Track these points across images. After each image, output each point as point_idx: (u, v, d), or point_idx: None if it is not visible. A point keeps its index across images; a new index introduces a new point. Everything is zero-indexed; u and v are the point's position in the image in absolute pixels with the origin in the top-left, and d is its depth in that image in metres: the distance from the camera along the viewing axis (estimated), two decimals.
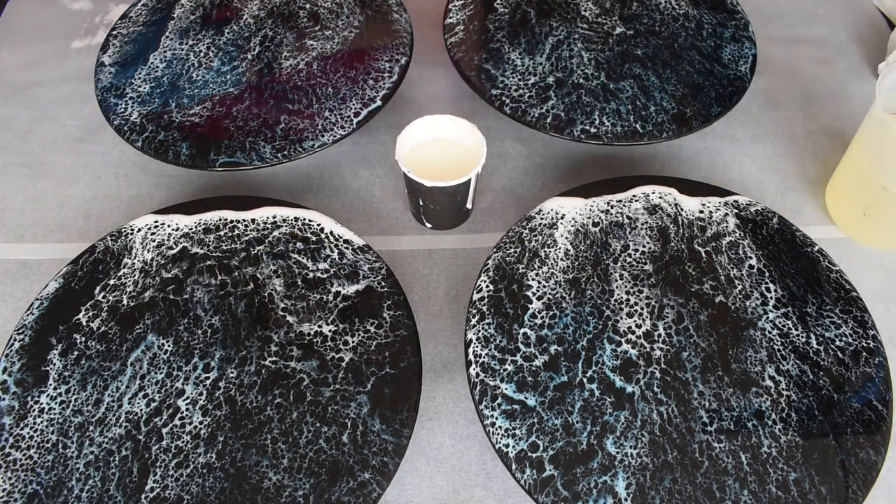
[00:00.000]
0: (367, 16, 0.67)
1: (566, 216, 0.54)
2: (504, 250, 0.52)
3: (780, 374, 0.47)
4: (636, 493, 0.43)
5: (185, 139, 0.59)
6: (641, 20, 0.67)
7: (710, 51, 0.65)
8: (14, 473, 0.44)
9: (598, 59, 0.64)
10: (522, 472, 0.43)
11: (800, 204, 0.60)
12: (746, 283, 0.51)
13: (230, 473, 0.44)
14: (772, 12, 0.75)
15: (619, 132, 0.59)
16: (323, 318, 0.50)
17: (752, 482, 0.43)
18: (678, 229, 0.54)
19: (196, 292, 0.51)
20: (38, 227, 0.59)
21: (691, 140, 0.64)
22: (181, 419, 0.46)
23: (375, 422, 0.45)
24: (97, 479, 0.44)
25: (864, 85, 0.68)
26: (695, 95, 0.61)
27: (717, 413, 0.46)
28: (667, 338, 0.49)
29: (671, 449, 0.44)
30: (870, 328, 0.49)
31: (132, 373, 0.48)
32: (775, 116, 0.66)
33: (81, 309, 0.50)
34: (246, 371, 0.48)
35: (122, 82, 0.63)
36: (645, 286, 0.51)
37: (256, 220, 0.54)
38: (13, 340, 0.49)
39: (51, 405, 0.46)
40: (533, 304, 0.50)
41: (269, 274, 0.52)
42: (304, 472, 0.44)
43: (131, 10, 0.69)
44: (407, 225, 0.59)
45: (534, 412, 0.45)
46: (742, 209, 0.55)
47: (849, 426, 0.45)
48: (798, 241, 0.53)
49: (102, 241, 0.54)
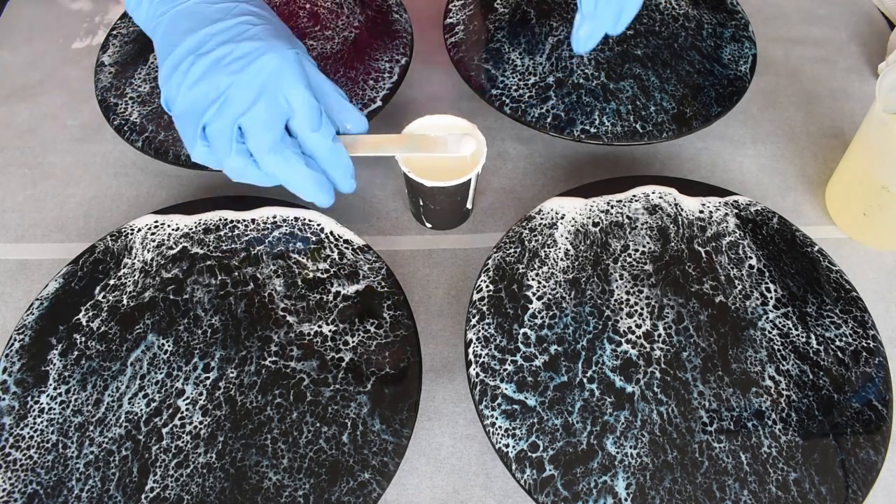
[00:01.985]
0: (367, 16, 0.67)
1: (566, 216, 0.54)
2: (504, 250, 0.52)
3: (780, 374, 0.47)
4: (636, 493, 0.43)
5: None
6: (641, 20, 0.67)
7: (710, 51, 0.65)
8: (14, 473, 0.44)
9: (598, 59, 0.64)
10: (522, 472, 0.43)
11: (800, 204, 0.60)
12: (746, 283, 0.51)
13: (230, 473, 0.44)
14: (772, 12, 0.75)
15: (619, 132, 0.59)
16: (323, 318, 0.50)
17: (752, 482, 0.43)
18: (678, 229, 0.54)
19: (196, 292, 0.51)
20: (38, 227, 0.59)
21: (691, 140, 0.64)
22: (181, 419, 0.46)
23: (375, 422, 0.45)
24: (97, 479, 0.44)
25: (864, 85, 0.68)
26: (695, 95, 0.61)
27: (717, 413, 0.46)
28: (667, 338, 0.49)
29: (671, 449, 0.44)
30: (870, 328, 0.49)
31: (132, 373, 0.48)
32: (775, 116, 0.66)
33: (81, 309, 0.50)
34: (246, 371, 0.48)
35: (123, 82, 0.63)
36: (645, 286, 0.51)
37: (256, 220, 0.54)
38: (13, 340, 0.49)
39: (51, 405, 0.46)
40: (533, 304, 0.50)
41: (269, 274, 0.52)
42: (304, 472, 0.44)
43: None
44: (407, 225, 0.59)
45: (534, 412, 0.45)
46: (742, 209, 0.55)
47: (849, 426, 0.45)
48: (798, 241, 0.53)
49: (102, 241, 0.54)
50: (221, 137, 0.45)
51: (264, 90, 0.45)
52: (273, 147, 0.45)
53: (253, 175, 0.47)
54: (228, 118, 0.45)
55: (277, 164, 0.46)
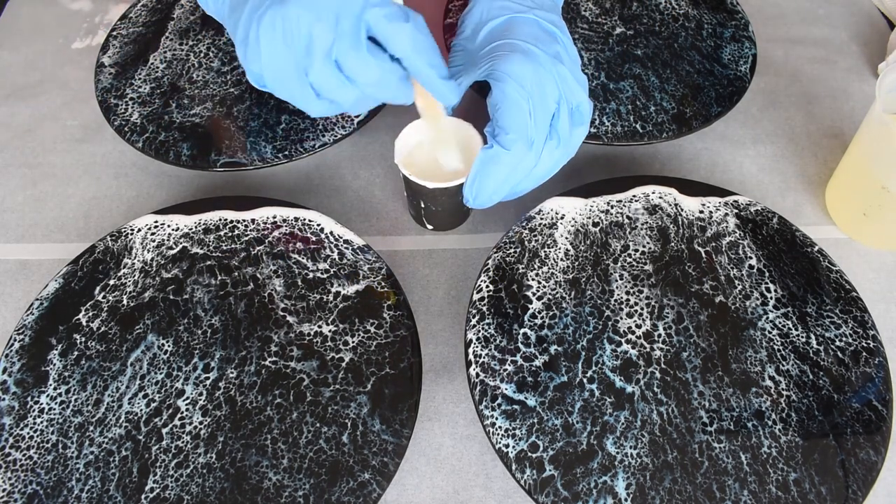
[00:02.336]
0: None
1: (566, 216, 0.54)
2: (504, 250, 0.52)
3: (780, 375, 0.47)
4: (636, 494, 0.43)
5: (185, 139, 0.59)
6: (641, 20, 0.67)
7: (710, 51, 0.65)
8: (14, 473, 0.44)
9: (598, 59, 0.64)
10: (522, 472, 0.43)
11: (800, 204, 0.60)
12: (746, 283, 0.51)
13: (230, 474, 0.44)
14: (772, 12, 0.75)
15: (619, 132, 0.59)
16: (323, 318, 0.50)
17: (752, 482, 0.43)
18: (678, 229, 0.54)
19: (196, 292, 0.51)
20: (38, 227, 0.59)
21: (691, 140, 0.64)
22: (181, 419, 0.46)
23: (375, 422, 0.45)
24: (97, 480, 0.44)
25: (864, 85, 0.68)
26: (695, 95, 0.61)
27: (717, 413, 0.46)
28: (667, 338, 0.49)
29: (671, 449, 0.44)
30: (870, 328, 0.49)
31: (132, 373, 0.48)
32: (775, 116, 0.66)
33: (81, 309, 0.50)
34: (246, 371, 0.48)
35: (123, 83, 0.63)
36: (645, 286, 0.51)
37: (256, 220, 0.54)
38: (13, 340, 0.49)
39: (51, 405, 0.46)
40: (533, 304, 0.50)
41: (269, 274, 0.52)
42: (304, 472, 0.44)
43: (131, 10, 0.69)
44: (407, 225, 0.59)
45: (534, 412, 0.45)
46: (742, 209, 0.55)
47: (849, 426, 0.45)
48: (798, 241, 0.53)
49: (102, 242, 0.54)
50: (326, 74, 0.40)
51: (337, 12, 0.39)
52: (368, 51, 0.40)
53: (393, 80, 0.41)
54: (321, 51, 0.39)
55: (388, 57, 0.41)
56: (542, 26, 0.48)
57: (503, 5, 0.49)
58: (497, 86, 0.45)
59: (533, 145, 0.44)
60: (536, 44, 0.46)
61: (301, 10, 0.39)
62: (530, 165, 0.45)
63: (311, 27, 0.39)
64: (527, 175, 0.46)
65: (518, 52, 0.45)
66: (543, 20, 0.48)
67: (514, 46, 0.46)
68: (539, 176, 0.47)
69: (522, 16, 0.48)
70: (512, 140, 0.44)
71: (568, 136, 0.46)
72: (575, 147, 0.47)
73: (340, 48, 0.39)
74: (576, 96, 0.46)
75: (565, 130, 0.45)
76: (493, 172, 0.45)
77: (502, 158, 0.44)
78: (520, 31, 0.47)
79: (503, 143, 0.44)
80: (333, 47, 0.39)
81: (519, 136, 0.44)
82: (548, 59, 0.45)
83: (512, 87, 0.44)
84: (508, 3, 0.49)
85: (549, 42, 0.47)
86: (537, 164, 0.45)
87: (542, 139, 0.45)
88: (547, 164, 0.46)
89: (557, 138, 0.45)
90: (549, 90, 0.45)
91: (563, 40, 0.48)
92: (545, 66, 0.45)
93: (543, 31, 0.48)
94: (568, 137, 0.46)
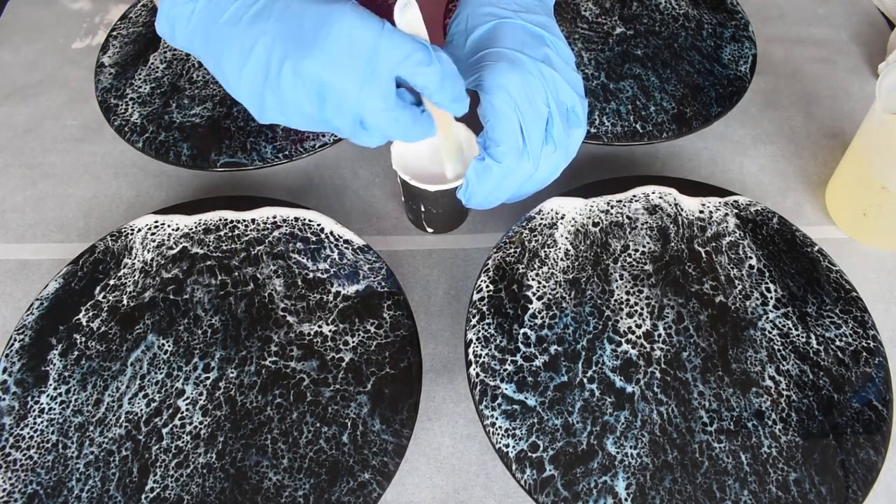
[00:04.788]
0: None
1: (566, 216, 0.54)
2: (504, 250, 0.52)
3: (780, 375, 0.47)
4: (636, 494, 0.43)
5: (185, 139, 0.59)
6: (641, 20, 0.68)
7: (710, 51, 0.65)
8: (14, 473, 0.44)
9: (598, 59, 0.64)
10: (522, 472, 0.43)
11: (800, 204, 0.60)
12: (746, 283, 0.51)
13: (230, 473, 0.44)
14: (772, 12, 0.75)
15: (619, 132, 0.59)
16: (323, 318, 0.50)
17: (752, 482, 0.43)
18: (678, 229, 0.54)
19: (196, 292, 0.51)
20: (38, 227, 0.59)
21: (691, 140, 0.64)
22: (181, 419, 0.46)
23: (375, 422, 0.45)
24: (97, 480, 0.44)
25: (864, 85, 0.68)
26: (695, 95, 0.61)
27: (717, 413, 0.46)
28: (667, 338, 0.49)
29: (671, 449, 0.44)
30: (870, 328, 0.49)
31: (132, 373, 0.48)
32: (775, 116, 0.66)
33: (81, 309, 0.50)
34: (246, 371, 0.48)
35: (123, 83, 0.63)
36: (645, 286, 0.51)
37: (256, 220, 0.54)
38: (13, 340, 0.49)
39: (51, 405, 0.46)
40: (533, 304, 0.50)
41: (269, 274, 0.52)
42: (304, 472, 0.44)
43: (131, 10, 0.69)
44: (407, 225, 0.59)
45: (534, 412, 0.45)
46: (742, 209, 0.55)
47: (849, 426, 0.45)
48: (798, 241, 0.53)
49: (102, 241, 0.54)
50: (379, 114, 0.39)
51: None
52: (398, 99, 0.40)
53: (422, 127, 0.42)
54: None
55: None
56: (529, 30, 0.47)
57: (488, 11, 0.48)
58: (485, 98, 0.44)
59: (526, 155, 0.44)
60: (523, 49, 0.46)
61: (329, 69, 0.37)
62: (528, 172, 0.45)
63: (345, 87, 0.38)
64: (527, 180, 0.46)
65: (504, 61, 0.45)
66: (530, 24, 0.48)
67: (500, 55, 0.45)
68: (540, 180, 0.47)
69: (508, 21, 0.48)
70: (503, 152, 0.44)
71: (565, 140, 0.45)
72: (574, 149, 0.47)
73: (371, 109, 0.39)
74: (568, 99, 0.46)
75: (561, 134, 0.45)
76: (485, 181, 0.45)
77: (493, 169, 0.44)
78: (506, 37, 0.47)
79: (494, 156, 0.44)
80: (364, 109, 0.39)
81: (509, 148, 0.44)
82: (535, 64, 0.45)
83: (500, 99, 0.44)
84: (494, 8, 0.49)
85: (537, 46, 0.47)
86: (536, 170, 0.45)
87: (537, 146, 0.44)
88: (546, 169, 0.46)
89: (554, 143, 0.45)
90: (539, 97, 0.44)
91: (553, 42, 0.48)
92: (533, 72, 0.44)
93: (530, 35, 0.47)
94: (565, 141, 0.46)
